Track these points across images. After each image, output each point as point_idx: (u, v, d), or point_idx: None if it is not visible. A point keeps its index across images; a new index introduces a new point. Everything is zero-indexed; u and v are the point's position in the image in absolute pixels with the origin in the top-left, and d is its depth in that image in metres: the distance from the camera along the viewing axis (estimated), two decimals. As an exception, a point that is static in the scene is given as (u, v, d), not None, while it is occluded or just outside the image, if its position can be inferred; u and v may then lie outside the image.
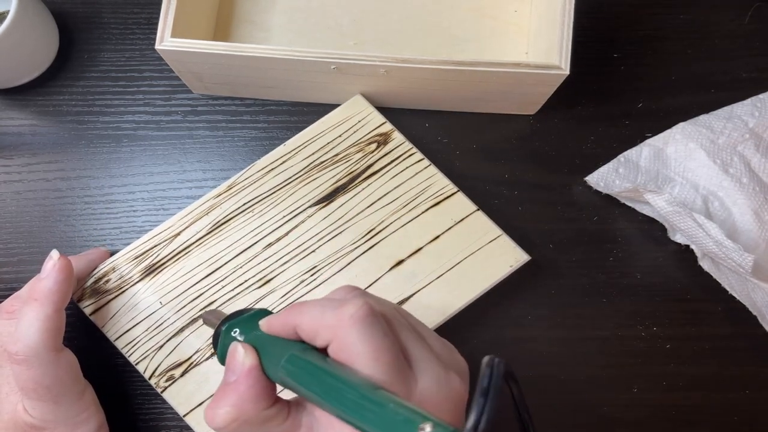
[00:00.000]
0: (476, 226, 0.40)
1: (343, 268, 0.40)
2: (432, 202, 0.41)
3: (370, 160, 0.42)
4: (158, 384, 0.38)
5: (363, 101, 0.43)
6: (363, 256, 0.40)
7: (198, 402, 0.38)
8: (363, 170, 0.41)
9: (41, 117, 0.47)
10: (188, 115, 0.47)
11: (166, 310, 0.39)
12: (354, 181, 0.41)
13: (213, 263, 0.40)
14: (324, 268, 0.40)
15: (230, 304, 0.39)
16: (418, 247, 0.40)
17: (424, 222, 0.40)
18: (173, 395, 0.38)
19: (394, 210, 0.41)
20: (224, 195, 0.41)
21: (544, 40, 0.42)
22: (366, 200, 0.41)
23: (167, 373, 0.38)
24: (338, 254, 0.40)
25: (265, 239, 0.40)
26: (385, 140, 0.42)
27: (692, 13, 0.48)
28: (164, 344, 0.39)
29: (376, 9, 0.47)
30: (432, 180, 0.41)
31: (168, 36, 0.39)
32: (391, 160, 0.42)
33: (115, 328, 0.39)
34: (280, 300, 0.39)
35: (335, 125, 0.42)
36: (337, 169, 0.42)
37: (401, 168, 0.41)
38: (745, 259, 0.37)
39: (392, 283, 0.39)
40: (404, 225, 0.40)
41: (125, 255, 0.40)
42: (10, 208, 0.45)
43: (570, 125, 0.46)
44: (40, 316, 0.34)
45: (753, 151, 0.42)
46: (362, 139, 0.42)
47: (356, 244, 0.40)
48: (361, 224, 0.40)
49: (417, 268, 0.40)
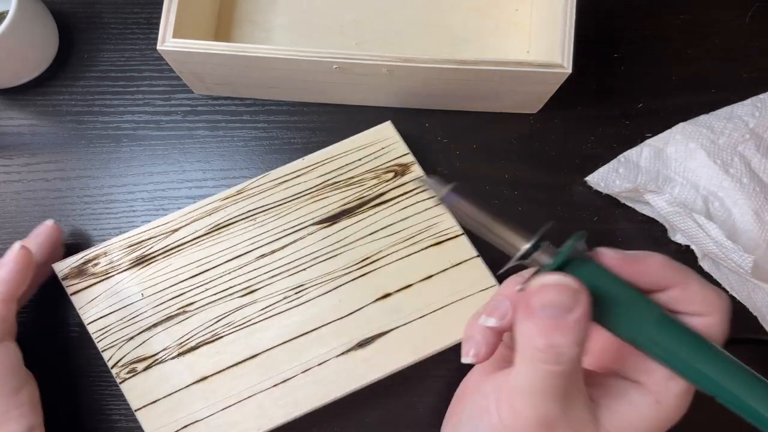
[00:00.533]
0: (472, 273, 0.40)
1: (329, 291, 0.39)
2: (433, 241, 0.40)
3: (383, 189, 0.41)
4: (119, 375, 0.38)
5: (391, 129, 0.42)
6: (351, 283, 0.39)
7: (152, 399, 0.38)
8: (374, 197, 0.41)
9: (41, 117, 0.47)
10: (188, 115, 0.47)
11: (145, 303, 0.39)
12: (362, 206, 0.41)
13: (202, 264, 0.40)
14: (310, 288, 0.39)
15: (209, 308, 0.39)
16: (409, 283, 0.39)
17: (421, 259, 0.40)
18: (130, 388, 0.38)
19: (394, 242, 0.40)
20: (231, 199, 0.41)
21: (546, 39, 0.42)
22: (369, 228, 0.40)
23: (130, 365, 0.38)
24: (327, 277, 0.40)
25: (259, 249, 0.40)
26: (403, 171, 0.41)
27: (692, 13, 0.48)
28: (135, 336, 0.39)
29: (377, 9, 0.47)
30: (439, 219, 0.40)
31: (170, 36, 0.39)
32: (403, 192, 0.41)
33: (91, 312, 0.39)
34: (260, 312, 0.39)
35: (358, 148, 0.42)
36: (349, 191, 0.41)
37: (412, 201, 0.41)
38: (745, 260, 0.37)
39: (374, 313, 0.39)
40: (400, 259, 0.40)
41: (120, 242, 0.40)
42: (9, 208, 0.45)
43: (570, 125, 0.46)
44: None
45: (753, 151, 0.42)
46: (381, 166, 0.41)
47: (348, 269, 0.40)
48: (358, 251, 0.40)
49: (403, 303, 0.39)
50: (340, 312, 0.39)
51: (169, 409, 0.38)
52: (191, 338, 0.39)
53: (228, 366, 0.38)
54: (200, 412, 0.38)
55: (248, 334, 0.39)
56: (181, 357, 0.38)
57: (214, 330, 0.39)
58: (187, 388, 0.38)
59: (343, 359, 0.38)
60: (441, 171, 0.45)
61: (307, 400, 0.38)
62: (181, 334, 0.39)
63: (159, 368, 0.38)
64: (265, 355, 0.38)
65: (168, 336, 0.39)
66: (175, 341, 0.39)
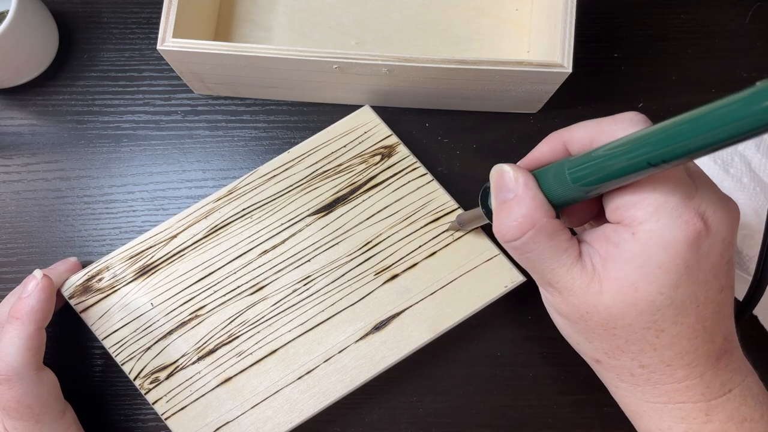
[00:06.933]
0: (474, 245, 0.40)
1: (337, 278, 0.40)
2: (431, 218, 0.40)
3: (372, 172, 0.41)
4: (142, 386, 0.38)
5: (371, 112, 0.43)
6: (358, 268, 0.40)
7: (181, 406, 0.38)
8: (365, 182, 0.41)
9: (41, 117, 0.46)
10: (188, 114, 0.47)
11: (156, 312, 0.39)
12: (355, 192, 0.41)
13: (207, 267, 0.40)
14: (318, 278, 0.40)
15: (221, 310, 0.39)
16: (414, 263, 0.40)
17: (422, 237, 0.40)
18: (156, 397, 0.38)
19: (393, 223, 0.40)
20: (224, 199, 0.41)
21: (546, 38, 0.42)
22: (366, 212, 0.41)
23: (152, 375, 0.38)
24: (333, 265, 0.40)
25: (261, 246, 0.40)
26: (389, 153, 0.42)
27: (692, 13, 0.48)
28: (152, 346, 0.39)
29: (377, 9, 0.47)
30: (433, 195, 0.41)
31: (170, 36, 0.39)
32: (393, 173, 0.41)
33: (103, 327, 0.39)
34: (272, 308, 0.39)
35: (341, 135, 0.42)
36: (339, 179, 0.41)
37: (403, 182, 0.41)
38: (744, 260, 0.37)
39: (385, 296, 0.39)
40: (402, 239, 0.40)
41: (120, 254, 0.40)
42: (9, 208, 0.45)
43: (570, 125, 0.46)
44: (22, 335, 0.34)
45: (754, 151, 0.42)
46: (366, 151, 0.42)
47: (352, 255, 0.40)
48: (359, 236, 0.40)
49: (411, 283, 0.39)
50: (351, 299, 0.39)
51: (198, 414, 0.38)
52: (208, 341, 0.39)
53: (250, 364, 0.38)
54: (230, 412, 0.38)
55: (264, 330, 0.39)
56: (201, 361, 0.38)
57: (230, 330, 0.39)
58: (213, 391, 0.38)
59: (362, 344, 0.38)
60: (441, 171, 0.45)
61: (333, 388, 0.38)
62: (197, 338, 0.39)
63: (181, 374, 0.38)
64: (285, 349, 0.38)
65: (185, 342, 0.39)
66: (193, 346, 0.39)
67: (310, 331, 0.39)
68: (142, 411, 0.42)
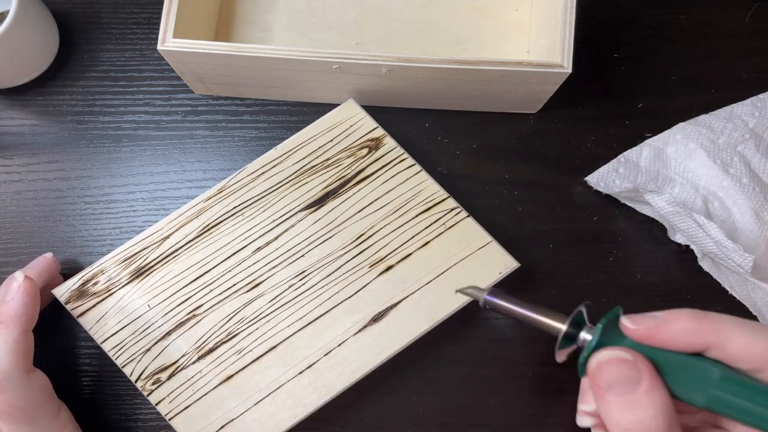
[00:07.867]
0: (466, 233, 0.40)
1: (332, 272, 0.40)
2: (422, 208, 0.41)
3: (361, 165, 0.42)
4: (144, 387, 0.38)
5: (355, 105, 0.43)
6: (352, 261, 0.40)
7: (184, 406, 0.38)
8: (354, 175, 0.41)
9: (41, 117, 0.47)
10: (188, 115, 0.47)
11: (154, 313, 0.39)
12: (344, 186, 0.41)
13: (201, 267, 0.40)
14: (313, 273, 0.40)
15: (218, 308, 0.39)
16: (408, 253, 0.40)
17: (415, 228, 0.40)
18: (159, 398, 0.38)
19: (384, 215, 0.41)
20: (214, 198, 0.41)
21: (546, 38, 0.42)
22: (356, 205, 0.41)
23: (154, 376, 0.38)
24: (327, 259, 0.40)
25: (254, 243, 0.40)
26: (376, 145, 0.42)
27: (692, 13, 0.48)
28: (151, 347, 0.39)
29: (377, 9, 0.47)
30: (423, 186, 0.41)
31: (170, 37, 0.39)
32: (382, 165, 0.42)
33: (102, 331, 0.39)
34: (269, 304, 0.39)
35: (327, 129, 0.42)
36: (328, 173, 0.41)
37: (392, 173, 0.41)
38: (745, 260, 0.37)
39: (381, 288, 0.39)
40: (394, 230, 0.40)
41: (114, 257, 0.40)
42: (10, 208, 0.45)
43: (570, 125, 0.46)
44: (8, 339, 0.34)
45: (753, 151, 0.42)
46: (353, 144, 0.42)
47: (346, 249, 0.40)
48: (351, 229, 0.40)
49: (406, 273, 0.39)
50: (347, 292, 0.39)
51: (202, 413, 0.38)
52: (207, 340, 0.39)
53: (250, 361, 0.38)
54: (234, 410, 0.38)
55: (263, 327, 0.39)
56: (202, 360, 0.39)
57: (228, 329, 0.39)
58: (215, 389, 0.38)
59: (361, 336, 0.38)
60: (441, 171, 0.45)
61: (335, 381, 0.38)
62: (196, 338, 0.39)
63: (183, 374, 0.38)
64: (284, 345, 0.39)
65: (184, 342, 0.39)
66: (193, 346, 0.39)
67: (309, 325, 0.39)
68: (142, 411, 0.42)
